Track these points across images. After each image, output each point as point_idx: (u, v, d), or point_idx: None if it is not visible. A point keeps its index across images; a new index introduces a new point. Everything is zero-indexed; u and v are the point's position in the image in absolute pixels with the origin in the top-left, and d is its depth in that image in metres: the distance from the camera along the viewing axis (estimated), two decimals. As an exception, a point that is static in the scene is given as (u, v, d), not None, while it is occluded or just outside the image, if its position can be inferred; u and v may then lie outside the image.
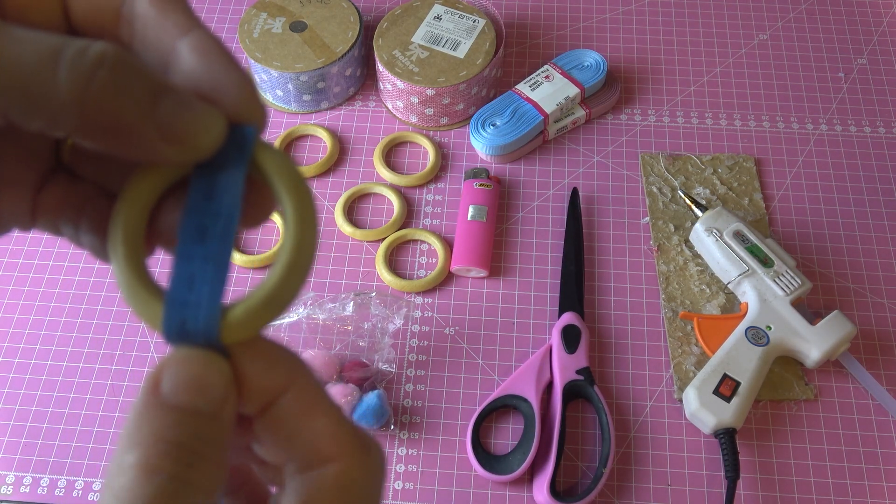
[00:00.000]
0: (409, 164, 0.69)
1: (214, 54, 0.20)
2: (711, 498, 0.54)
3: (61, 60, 0.18)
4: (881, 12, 0.78)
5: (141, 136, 0.19)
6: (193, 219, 0.20)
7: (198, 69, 0.20)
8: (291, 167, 0.21)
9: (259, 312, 0.20)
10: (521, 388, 0.56)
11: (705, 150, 0.69)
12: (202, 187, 0.20)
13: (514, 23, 0.77)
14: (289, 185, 0.21)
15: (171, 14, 0.21)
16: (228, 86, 0.20)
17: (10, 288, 0.63)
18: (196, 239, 0.20)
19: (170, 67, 0.21)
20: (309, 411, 0.21)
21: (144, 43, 0.21)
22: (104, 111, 0.18)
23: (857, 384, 0.58)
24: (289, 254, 0.20)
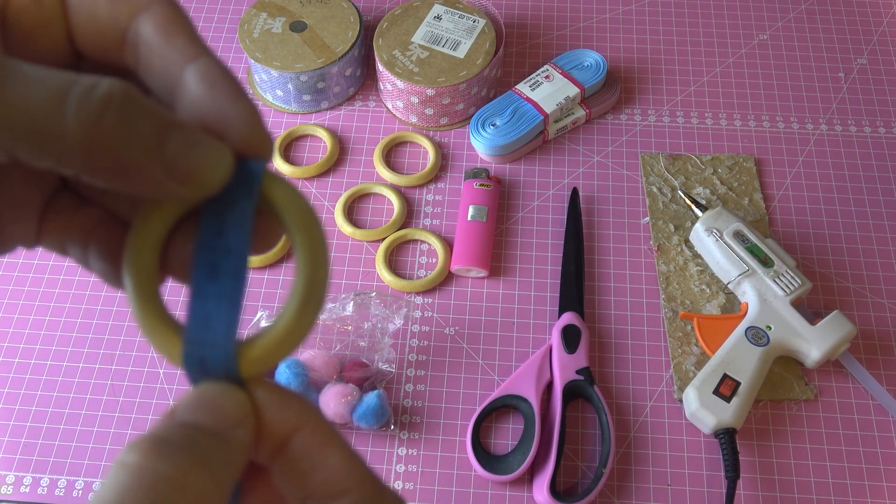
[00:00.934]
0: (409, 164, 0.69)
1: (221, 84, 0.20)
2: (711, 498, 0.54)
3: (68, 101, 0.18)
4: (881, 12, 0.78)
5: (148, 176, 0.19)
6: (205, 257, 0.20)
7: (204, 99, 0.20)
8: (301, 201, 0.21)
9: (275, 348, 0.21)
10: (521, 388, 0.56)
11: (705, 150, 0.69)
12: (212, 223, 0.21)
13: (514, 23, 0.77)
14: (299, 220, 0.21)
15: (176, 41, 0.21)
16: (235, 117, 0.20)
17: (11, 288, 0.63)
18: (209, 277, 0.20)
19: (175, 96, 0.21)
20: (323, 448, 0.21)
21: (149, 69, 0.21)
22: (111, 152, 0.18)
23: (857, 384, 0.58)
24: (302, 290, 0.21)
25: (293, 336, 0.21)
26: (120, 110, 0.18)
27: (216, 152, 0.20)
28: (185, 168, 0.19)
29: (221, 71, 0.21)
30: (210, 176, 0.20)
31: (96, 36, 0.21)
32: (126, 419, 0.57)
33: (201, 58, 0.21)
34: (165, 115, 0.19)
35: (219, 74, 0.21)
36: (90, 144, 0.18)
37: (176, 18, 0.21)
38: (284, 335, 0.21)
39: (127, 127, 0.18)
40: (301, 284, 0.21)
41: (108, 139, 0.18)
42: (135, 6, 0.21)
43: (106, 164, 0.18)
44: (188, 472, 0.18)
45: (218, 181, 0.20)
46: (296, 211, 0.21)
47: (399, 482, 0.55)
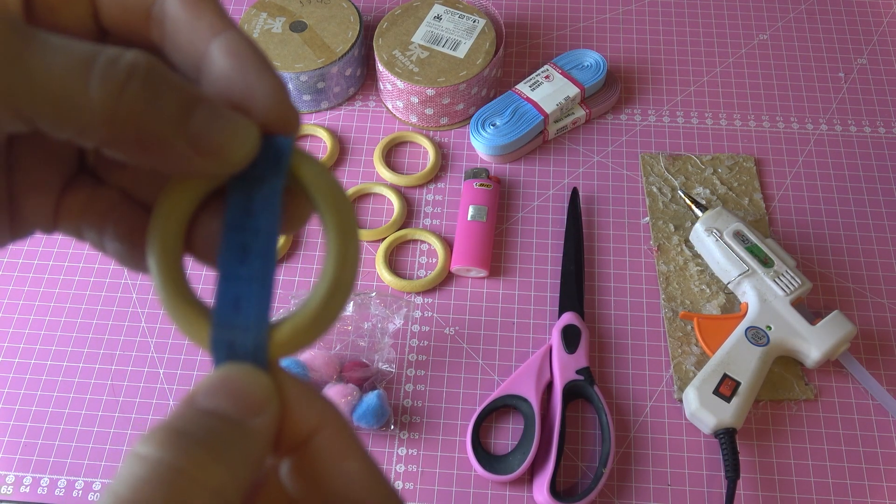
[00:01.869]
0: (409, 164, 0.69)
1: (247, 57, 0.20)
2: (711, 498, 0.54)
3: (92, 71, 0.17)
4: (881, 12, 0.78)
5: (173, 149, 0.19)
6: (234, 237, 0.20)
7: (230, 73, 0.20)
8: (331, 179, 0.20)
9: (306, 330, 0.20)
10: (521, 388, 0.56)
11: (705, 150, 0.69)
12: (240, 202, 0.20)
13: (514, 23, 0.77)
14: (329, 199, 0.20)
15: (202, 15, 0.20)
16: (262, 91, 0.20)
17: (11, 288, 0.63)
18: (239, 258, 0.20)
19: (202, 70, 0.20)
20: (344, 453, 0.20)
21: (175, 44, 0.21)
22: (135, 124, 0.18)
23: (857, 384, 0.58)
24: (333, 270, 0.20)
25: (324, 317, 0.20)
26: (145, 81, 0.18)
27: (243, 127, 0.19)
28: (210, 142, 0.19)
29: (248, 44, 0.20)
30: (236, 151, 0.19)
31: (121, 11, 0.21)
32: (126, 419, 0.57)
33: (227, 31, 0.20)
34: (191, 88, 0.19)
35: (245, 48, 0.20)
36: (113, 115, 0.18)
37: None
38: (315, 317, 0.20)
39: (151, 99, 0.18)
40: (332, 264, 0.20)
41: (132, 111, 0.18)
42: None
43: (129, 136, 0.18)
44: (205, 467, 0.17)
45: (244, 156, 0.19)
46: (326, 189, 0.20)
47: (399, 482, 0.55)
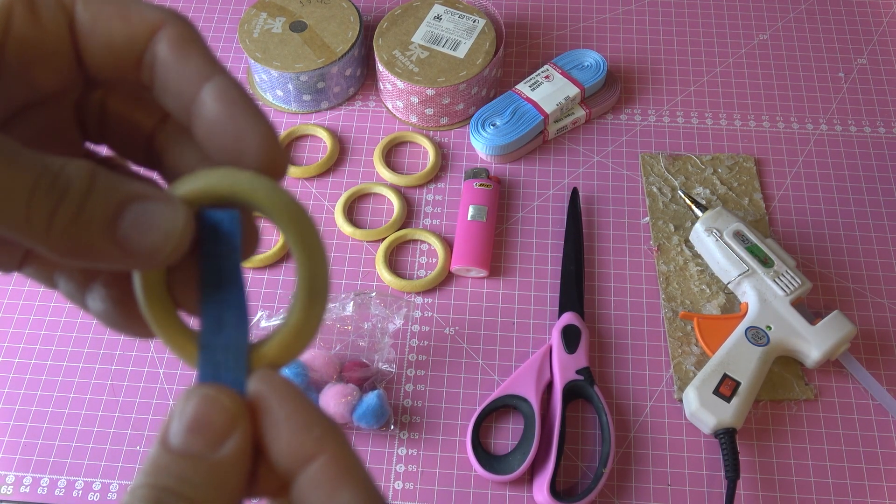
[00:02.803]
0: (409, 164, 0.69)
1: (238, 103, 0.21)
2: (711, 498, 0.54)
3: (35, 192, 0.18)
4: (881, 12, 0.78)
5: (104, 255, 0.19)
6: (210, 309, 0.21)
7: (222, 118, 0.21)
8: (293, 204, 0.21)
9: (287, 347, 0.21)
10: (521, 388, 0.56)
11: (705, 150, 0.69)
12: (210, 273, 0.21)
13: (514, 23, 0.77)
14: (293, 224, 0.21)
15: (192, 60, 0.21)
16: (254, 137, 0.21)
17: (10, 288, 0.63)
18: (215, 330, 0.21)
19: (192, 113, 0.21)
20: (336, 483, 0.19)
21: (165, 88, 0.21)
22: (66, 240, 0.19)
23: (857, 384, 0.58)
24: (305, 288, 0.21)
25: (305, 331, 0.21)
26: (73, 199, 0.19)
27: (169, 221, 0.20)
28: (138, 244, 0.19)
29: (238, 90, 0.21)
30: (164, 248, 0.20)
31: (110, 59, 0.21)
32: (126, 419, 0.57)
33: (217, 76, 0.21)
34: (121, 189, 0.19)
35: (236, 94, 0.21)
36: (48, 234, 0.19)
37: (190, 37, 0.21)
38: (296, 331, 0.21)
39: (78, 214, 0.19)
40: (303, 283, 0.21)
41: (63, 228, 0.19)
42: (151, 26, 0.21)
43: (64, 248, 0.19)
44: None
45: (173, 252, 0.20)
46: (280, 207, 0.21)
47: (399, 482, 0.55)
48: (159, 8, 0.21)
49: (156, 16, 0.21)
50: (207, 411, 0.19)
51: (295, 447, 0.19)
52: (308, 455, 0.19)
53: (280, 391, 0.20)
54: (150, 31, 0.21)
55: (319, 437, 0.19)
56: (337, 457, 0.19)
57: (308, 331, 0.21)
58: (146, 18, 0.21)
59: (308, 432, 0.20)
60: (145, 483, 0.19)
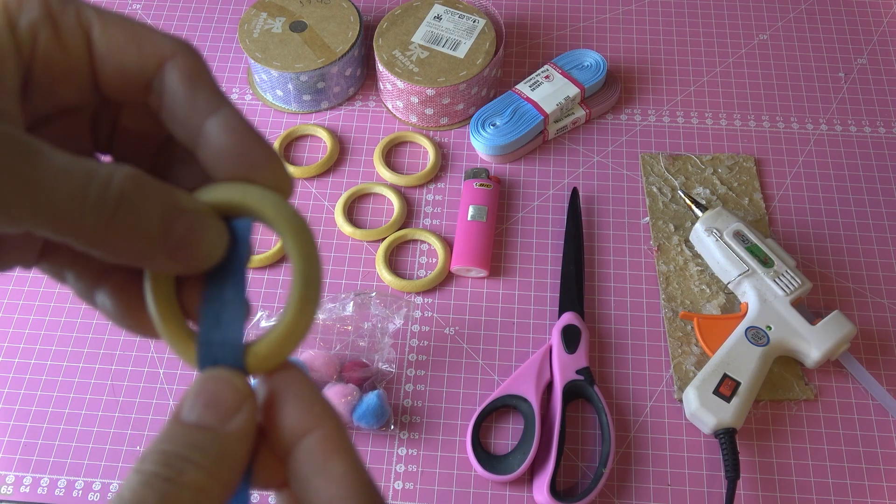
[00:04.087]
0: (409, 164, 0.69)
1: (245, 134, 0.23)
2: (711, 498, 0.54)
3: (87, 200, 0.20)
4: (881, 12, 0.78)
5: (152, 259, 0.21)
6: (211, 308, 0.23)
7: (230, 147, 0.22)
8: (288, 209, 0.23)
9: (280, 344, 0.23)
10: (521, 388, 0.56)
11: (705, 150, 0.69)
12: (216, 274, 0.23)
13: (514, 23, 0.77)
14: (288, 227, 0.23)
15: (200, 93, 0.22)
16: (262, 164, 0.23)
17: (10, 288, 0.63)
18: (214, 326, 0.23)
19: (198, 143, 0.23)
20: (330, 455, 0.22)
21: (172, 115, 0.23)
22: (122, 244, 0.21)
23: (857, 384, 0.58)
24: (299, 289, 0.23)
25: (296, 332, 0.23)
26: (130, 207, 0.20)
27: (213, 232, 0.22)
28: (185, 253, 0.22)
29: (243, 121, 0.23)
30: (208, 256, 0.22)
31: (122, 83, 0.23)
32: (126, 419, 0.57)
33: (224, 108, 0.23)
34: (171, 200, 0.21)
35: (242, 125, 0.23)
36: (104, 237, 0.20)
37: (199, 69, 0.23)
38: (288, 331, 0.23)
39: (136, 222, 0.20)
40: (298, 284, 0.23)
41: (119, 233, 0.20)
42: (161, 56, 0.23)
43: (117, 251, 0.21)
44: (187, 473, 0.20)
45: (214, 258, 0.22)
46: (283, 219, 0.23)
47: (399, 482, 0.55)
48: (171, 38, 0.23)
49: (167, 46, 0.23)
50: (220, 389, 0.22)
51: (298, 419, 0.22)
52: (308, 427, 0.22)
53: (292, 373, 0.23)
54: (160, 60, 0.22)
55: (319, 414, 0.22)
56: (332, 431, 0.22)
57: (299, 332, 0.23)
58: (157, 48, 0.22)
59: (310, 408, 0.22)
60: (157, 449, 0.21)
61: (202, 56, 0.23)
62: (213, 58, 0.75)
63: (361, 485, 0.22)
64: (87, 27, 0.22)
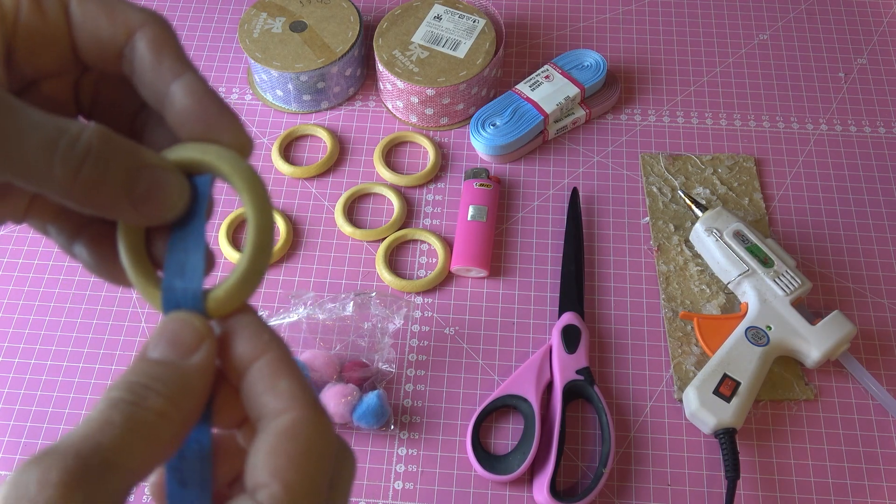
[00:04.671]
0: (409, 164, 0.69)
1: (205, 96, 0.25)
2: (711, 498, 0.54)
3: (56, 152, 0.22)
4: (881, 12, 0.78)
5: (120, 210, 0.23)
6: (175, 257, 0.25)
7: (191, 109, 0.24)
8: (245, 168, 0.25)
9: (237, 289, 0.25)
10: (521, 388, 0.56)
11: (705, 150, 0.69)
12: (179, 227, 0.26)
13: (514, 23, 0.77)
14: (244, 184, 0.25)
15: (165, 59, 0.25)
16: (222, 125, 0.25)
17: (10, 288, 0.63)
18: (178, 274, 0.25)
19: (164, 105, 0.25)
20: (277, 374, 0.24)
21: (142, 80, 0.25)
22: (89, 194, 0.23)
23: (857, 384, 0.58)
24: (253, 237, 0.25)
25: (251, 277, 0.25)
26: (97, 161, 0.22)
27: (176, 186, 0.24)
28: (149, 205, 0.24)
29: (204, 85, 0.25)
30: (171, 209, 0.24)
31: (97, 51, 0.25)
32: (126, 419, 0.57)
33: (187, 74, 0.25)
34: (136, 156, 0.23)
35: (203, 88, 0.25)
36: (72, 187, 0.22)
37: (166, 38, 0.25)
38: (244, 277, 0.25)
39: (102, 175, 0.22)
40: (252, 232, 0.25)
41: (87, 185, 0.22)
42: (131, 26, 0.25)
43: (85, 201, 0.23)
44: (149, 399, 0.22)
45: (176, 211, 0.24)
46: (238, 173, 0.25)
47: (399, 482, 0.55)
48: (141, 10, 0.25)
49: (137, 17, 0.25)
50: (181, 329, 0.24)
51: (249, 348, 0.24)
52: (257, 354, 0.24)
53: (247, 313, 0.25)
54: (130, 30, 0.25)
55: (267, 341, 0.24)
56: (279, 355, 0.24)
57: (254, 277, 0.25)
58: (128, 19, 0.25)
59: (259, 337, 0.24)
60: (124, 379, 0.22)
61: (170, 26, 0.25)
62: (213, 58, 0.75)
63: (305, 398, 0.24)
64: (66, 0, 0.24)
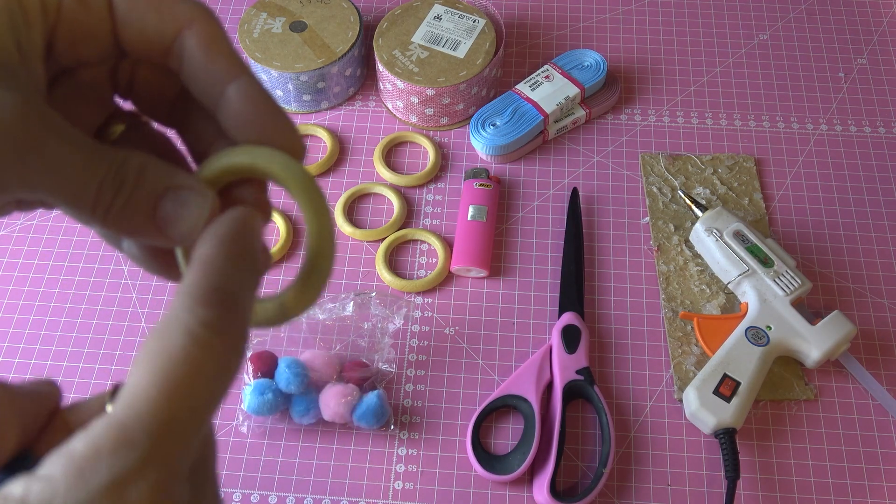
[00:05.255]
0: (409, 164, 0.69)
1: (261, 101, 0.24)
2: (711, 498, 0.54)
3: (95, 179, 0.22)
4: (881, 12, 0.78)
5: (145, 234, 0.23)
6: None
7: (248, 115, 0.24)
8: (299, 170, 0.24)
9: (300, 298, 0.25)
10: (521, 388, 0.56)
11: (705, 150, 0.69)
12: None
13: (514, 23, 0.77)
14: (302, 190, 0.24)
15: (219, 60, 0.24)
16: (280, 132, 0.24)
17: (10, 288, 0.63)
18: None
19: (219, 106, 0.24)
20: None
21: (193, 79, 0.24)
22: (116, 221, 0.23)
23: (857, 384, 0.58)
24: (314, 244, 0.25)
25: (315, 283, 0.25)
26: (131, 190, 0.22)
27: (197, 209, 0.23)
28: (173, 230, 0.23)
29: (261, 90, 0.24)
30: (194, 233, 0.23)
31: (143, 46, 0.24)
32: (126, 419, 0.57)
33: (242, 77, 0.24)
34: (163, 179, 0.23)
35: (260, 93, 0.24)
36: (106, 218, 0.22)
37: (218, 36, 0.24)
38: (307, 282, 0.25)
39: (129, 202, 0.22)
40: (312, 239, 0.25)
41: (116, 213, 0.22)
42: (180, 22, 0.24)
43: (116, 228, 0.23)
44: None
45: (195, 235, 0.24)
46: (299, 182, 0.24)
47: (399, 482, 0.55)
48: (190, 3, 0.24)
49: (186, 12, 0.24)
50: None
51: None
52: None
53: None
54: (179, 26, 0.23)
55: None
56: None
57: (317, 284, 0.25)
58: (177, 14, 0.23)
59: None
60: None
61: (220, 22, 0.24)
62: (213, 58, 0.75)
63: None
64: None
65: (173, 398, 0.20)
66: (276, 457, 0.55)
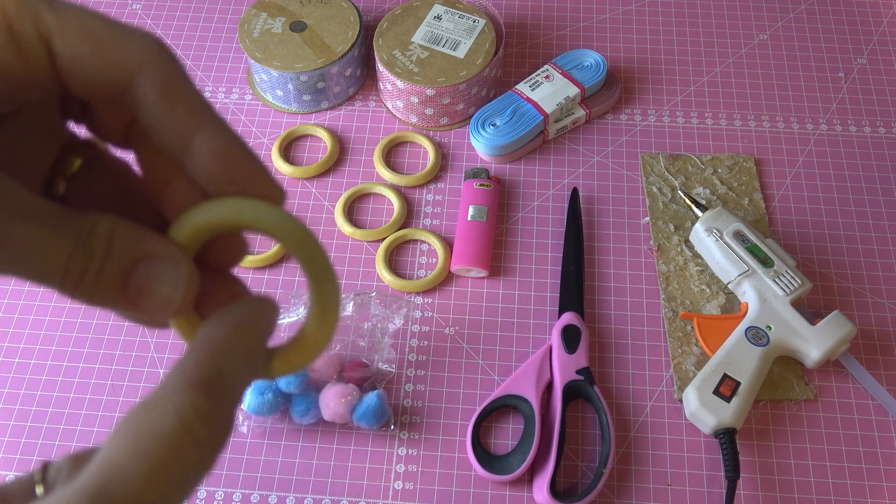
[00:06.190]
0: (409, 164, 0.69)
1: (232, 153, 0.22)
2: (711, 498, 0.54)
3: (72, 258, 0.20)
4: (881, 12, 0.78)
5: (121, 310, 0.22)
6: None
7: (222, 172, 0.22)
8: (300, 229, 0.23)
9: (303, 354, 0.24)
10: (521, 388, 0.56)
11: (705, 150, 0.69)
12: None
13: (514, 23, 0.77)
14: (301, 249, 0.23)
15: (178, 109, 0.21)
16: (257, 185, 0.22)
17: (10, 288, 0.63)
18: None
19: (184, 158, 0.22)
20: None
21: (153, 127, 0.22)
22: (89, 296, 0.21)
23: (857, 384, 0.58)
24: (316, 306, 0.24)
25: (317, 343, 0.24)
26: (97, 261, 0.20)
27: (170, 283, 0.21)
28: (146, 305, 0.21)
29: (231, 140, 0.22)
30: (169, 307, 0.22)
31: (91, 92, 0.22)
32: (126, 419, 0.57)
33: (207, 127, 0.22)
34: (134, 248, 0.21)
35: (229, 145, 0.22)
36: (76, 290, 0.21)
37: (175, 81, 0.21)
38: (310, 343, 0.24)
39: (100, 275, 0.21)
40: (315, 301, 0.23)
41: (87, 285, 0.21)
42: (129, 68, 0.21)
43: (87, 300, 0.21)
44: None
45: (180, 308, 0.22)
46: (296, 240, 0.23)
47: (399, 482, 0.55)
48: (142, 42, 0.21)
49: (135, 54, 0.21)
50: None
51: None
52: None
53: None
54: (129, 72, 0.21)
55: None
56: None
57: (321, 340, 0.24)
58: (125, 57, 0.21)
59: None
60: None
61: (176, 60, 0.22)
62: (213, 58, 0.75)
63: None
64: (48, 36, 0.21)
65: (152, 480, 0.19)
66: (276, 457, 0.56)
